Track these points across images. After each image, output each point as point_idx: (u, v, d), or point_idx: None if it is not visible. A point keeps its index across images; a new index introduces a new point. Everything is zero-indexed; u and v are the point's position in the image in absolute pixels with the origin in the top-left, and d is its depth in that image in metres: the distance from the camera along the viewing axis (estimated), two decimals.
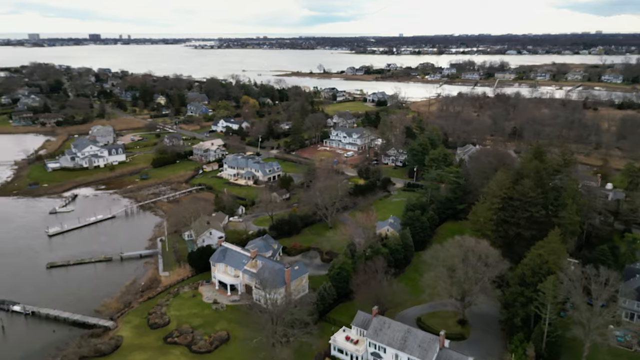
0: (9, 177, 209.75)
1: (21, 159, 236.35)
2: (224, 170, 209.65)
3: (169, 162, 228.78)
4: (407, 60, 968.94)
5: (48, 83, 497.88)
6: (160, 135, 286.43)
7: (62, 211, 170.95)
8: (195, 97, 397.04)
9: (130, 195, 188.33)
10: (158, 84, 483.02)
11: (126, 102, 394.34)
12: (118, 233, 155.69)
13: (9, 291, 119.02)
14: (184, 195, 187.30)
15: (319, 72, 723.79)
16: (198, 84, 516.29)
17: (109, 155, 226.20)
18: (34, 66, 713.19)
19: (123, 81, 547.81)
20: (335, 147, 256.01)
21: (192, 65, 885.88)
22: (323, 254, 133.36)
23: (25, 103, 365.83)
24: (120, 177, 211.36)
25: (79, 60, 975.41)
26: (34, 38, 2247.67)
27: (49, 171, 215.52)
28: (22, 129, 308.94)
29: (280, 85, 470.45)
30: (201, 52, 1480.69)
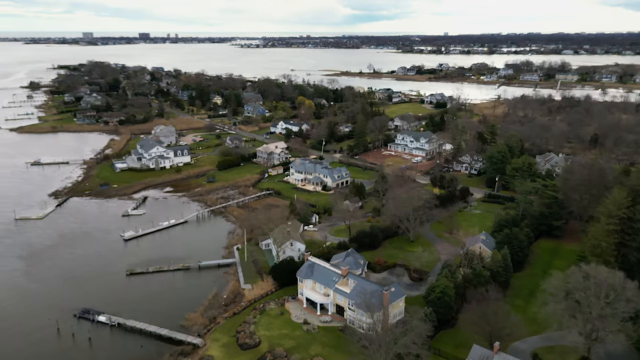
0: (80, 177, 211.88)
1: (89, 158, 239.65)
2: (291, 175, 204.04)
3: (233, 165, 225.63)
4: (458, 60, 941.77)
5: (107, 81, 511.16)
6: (221, 136, 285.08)
7: (134, 214, 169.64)
8: (250, 98, 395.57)
9: (200, 199, 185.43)
10: (211, 83, 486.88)
11: (183, 102, 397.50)
12: (191, 239, 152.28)
13: (91, 299, 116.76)
14: (253, 200, 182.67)
15: (368, 72, 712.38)
16: (250, 83, 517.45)
17: (174, 156, 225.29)
18: (91, 64, 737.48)
19: (177, 80, 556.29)
20: (400, 151, 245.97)
21: (241, 64, 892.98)
22: (411, 271, 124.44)
23: (88, 101, 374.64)
24: (186, 179, 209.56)
25: (131, 58, 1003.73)
26: (87, 37, 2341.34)
27: (117, 171, 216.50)
28: (87, 127, 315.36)
29: (332, 86, 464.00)
30: (247, 51, 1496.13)
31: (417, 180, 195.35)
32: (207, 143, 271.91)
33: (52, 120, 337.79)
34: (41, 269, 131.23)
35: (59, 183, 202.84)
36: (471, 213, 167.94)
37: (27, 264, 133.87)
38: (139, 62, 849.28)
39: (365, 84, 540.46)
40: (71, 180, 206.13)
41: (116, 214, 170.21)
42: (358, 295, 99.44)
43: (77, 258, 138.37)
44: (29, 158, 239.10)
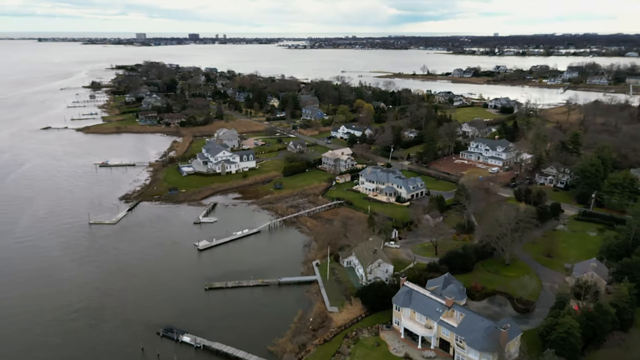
0: (147, 180, 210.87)
1: (155, 161, 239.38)
2: (361, 184, 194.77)
3: (298, 171, 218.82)
4: (513, 62, 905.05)
5: (164, 82, 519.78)
6: (282, 140, 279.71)
7: (205, 221, 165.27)
8: (307, 100, 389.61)
9: (269, 207, 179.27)
10: (265, 84, 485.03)
11: (240, 104, 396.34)
12: (266, 251, 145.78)
13: (171, 314, 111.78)
14: (324, 210, 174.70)
15: (422, 74, 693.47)
16: (304, 85, 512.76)
17: (240, 161, 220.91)
18: (147, 65, 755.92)
19: (232, 81, 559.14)
20: (474, 160, 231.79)
21: (291, 65, 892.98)
22: (514, 301, 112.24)
23: (148, 102, 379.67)
24: (253, 185, 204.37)
25: (183, 59, 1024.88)
26: (141, 37, 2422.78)
27: (184, 175, 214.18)
28: (149, 128, 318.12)
29: (388, 88, 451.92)
30: (295, 52, 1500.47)
31: (498, 193, 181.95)
32: (269, 147, 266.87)
33: (115, 120, 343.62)
34: (117, 279, 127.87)
35: (128, 186, 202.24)
36: (565, 233, 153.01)
37: (103, 273, 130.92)
38: (191, 63, 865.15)
39: (420, 86, 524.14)
40: (139, 184, 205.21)
41: (187, 221, 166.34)
42: (468, 330, 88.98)
43: (152, 267, 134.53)
44: (97, 159, 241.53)
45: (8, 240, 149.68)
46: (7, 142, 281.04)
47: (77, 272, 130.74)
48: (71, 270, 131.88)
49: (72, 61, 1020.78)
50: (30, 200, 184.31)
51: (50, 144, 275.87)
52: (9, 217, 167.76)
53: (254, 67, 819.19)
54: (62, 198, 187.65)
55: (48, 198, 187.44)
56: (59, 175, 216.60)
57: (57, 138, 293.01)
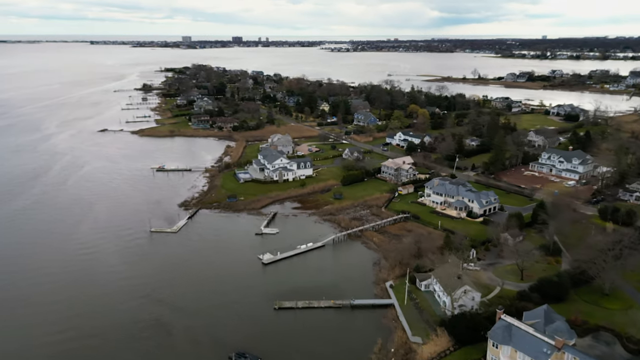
0: (205, 186, 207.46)
1: (210, 166, 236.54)
2: (427, 196, 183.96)
3: (357, 180, 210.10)
4: (567, 66, 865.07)
5: (213, 85, 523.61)
6: (336, 147, 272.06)
7: (267, 232, 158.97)
8: (358, 105, 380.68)
9: (330, 218, 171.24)
10: (313, 88, 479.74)
11: (290, 108, 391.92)
12: (332, 268, 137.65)
13: (241, 336, 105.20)
14: (390, 224, 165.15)
15: (473, 78, 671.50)
16: (353, 89, 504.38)
17: (297, 169, 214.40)
18: (195, 68, 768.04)
19: (279, 85, 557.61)
20: (545, 172, 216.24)
21: (335, 68, 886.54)
22: (623, 339, 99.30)
23: (200, 105, 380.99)
24: (312, 194, 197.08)
25: (229, 61, 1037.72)
26: (186, 40, 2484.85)
27: (241, 182, 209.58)
28: (202, 132, 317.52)
29: (441, 92, 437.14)
30: (338, 55, 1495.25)
31: (580, 210, 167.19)
32: (324, 154, 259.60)
33: (168, 123, 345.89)
34: (184, 293, 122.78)
35: (186, 192, 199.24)
36: None
37: (169, 287, 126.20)
38: (236, 66, 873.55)
39: (471, 90, 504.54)
40: (197, 190, 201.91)
41: (248, 231, 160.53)
42: None
43: (217, 281, 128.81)
44: (153, 163, 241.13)
45: (71, 250, 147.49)
46: (67, 143, 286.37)
47: (142, 285, 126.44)
48: (136, 283, 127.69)
49: (123, 63, 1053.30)
50: (91, 205, 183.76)
51: (107, 147, 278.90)
52: (71, 224, 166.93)
53: (298, 70, 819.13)
54: (121, 203, 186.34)
55: (108, 203, 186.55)
56: (117, 179, 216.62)
57: (113, 140, 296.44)
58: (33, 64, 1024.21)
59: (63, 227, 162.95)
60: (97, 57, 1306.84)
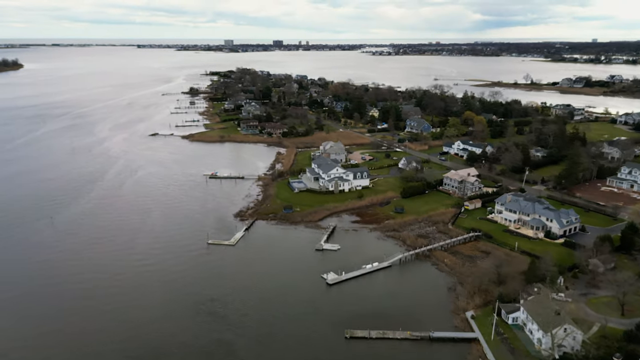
0: (259, 195, 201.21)
1: (263, 174, 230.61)
2: (497, 213, 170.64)
3: (418, 192, 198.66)
4: (625, 71, 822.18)
5: (258, 89, 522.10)
6: (390, 155, 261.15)
7: (328, 248, 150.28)
8: (409, 111, 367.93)
9: (394, 235, 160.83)
10: (359, 93, 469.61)
11: (338, 114, 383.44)
12: (402, 292, 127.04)
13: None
14: (460, 243, 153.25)
15: (525, 83, 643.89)
16: (400, 93, 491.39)
17: (353, 179, 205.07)
18: (240, 71, 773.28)
19: (324, 89, 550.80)
20: (626, 189, 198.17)
21: (379, 72, 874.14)
22: None
23: (248, 110, 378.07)
24: (370, 207, 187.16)
25: (271, 65, 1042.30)
26: (229, 44, 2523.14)
27: (295, 192, 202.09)
28: (251, 138, 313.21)
29: (495, 98, 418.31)
30: (380, 59, 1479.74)
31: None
32: (378, 163, 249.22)
33: (217, 128, 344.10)
34: (244, 313, 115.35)
35: (241, 201, 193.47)
36: None
37: (228, 304, 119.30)
38: (279, 69, 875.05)
39: (524, 96, 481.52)
40: (252, 199, 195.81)
41: (307, 247, 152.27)
42: None
43: (280, 302, 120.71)
44: (205, 169, 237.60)
45: (128, 260, 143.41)
46: (120, 147, 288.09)
47: (201, 301, 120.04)
48: (195, 299, 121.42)
49: (168, 67, 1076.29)
50: (148, 213, 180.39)
51: (159, 151, 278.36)
52: (128, 231, 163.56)
53: (341, 73, 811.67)
54: (177, 211, 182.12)
55: (164, 211, 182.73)
56: (171, 186, 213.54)
57: (164, 145, 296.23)
58: (85, 67, 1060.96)
59: (121, 236, 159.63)
60: (144, 61, 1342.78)
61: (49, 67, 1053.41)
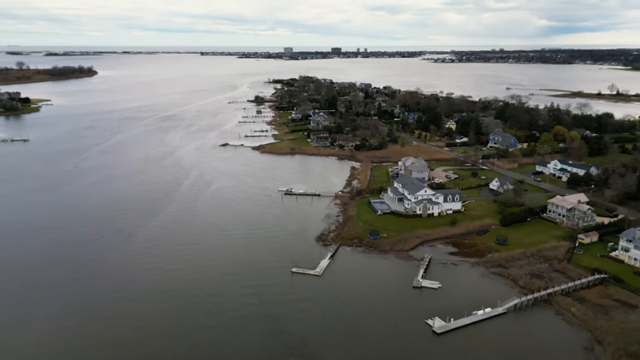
0: (339, 216, 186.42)
1: (340, 191, 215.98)
2: (625, 251, 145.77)
3: (519, 220, 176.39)
4: None
5: (324, 98, 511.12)
6: (477, 174, 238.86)
7: (426, 286, 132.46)
8: (489, 124, 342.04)
9: (501, 272, 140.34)
10: (429, 102, 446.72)
11: (411, 125, 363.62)
12: (527, 350, 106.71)
13: None
14: (584, 286, 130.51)
15: (610, 94, 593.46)
16: (472, 103, 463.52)
17: (444, 201, 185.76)
18: (302, 79, 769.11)
19: (391, 98, 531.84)
20: None
21: (443, 81, 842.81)
22: None
23: (317, 121, 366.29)
24: (466, 235, 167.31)
25: (331, 72, 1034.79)
26: (288, 51, 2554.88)
27: (378, 213, 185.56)
28: (323, 151, 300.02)
29: (582, 111, 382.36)
30: (442, 66, 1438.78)
31: None
32: (464, 182, 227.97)
33: (286, 139, 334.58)
34: None
35: (320, 223, 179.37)
36: None
37: (323, 349, 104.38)
38: (338, 77, 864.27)
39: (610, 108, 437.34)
40: (332, 221, 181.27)
41: (403, 282, 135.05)
42: None
43: (382, 354, 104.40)
44: (279, 183, 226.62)
45: (202, 287, 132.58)
46: (192, 157, 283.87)
47: (290, 343, 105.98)
48: (284, 340, 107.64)
49: (232, 74, 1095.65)
50: (225, 232, 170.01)
51: (230, 163, 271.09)
52: (206, 251, 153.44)
53: (404, 81, 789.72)
54: (255, 232, 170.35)
55: (242, 230, 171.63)
56: (247, 202, 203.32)
57: (235, 156, 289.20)
58: (154, 74, 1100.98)
59: (198, 256, 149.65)
60: (208, 68, 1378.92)
61: (120, 74, 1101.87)
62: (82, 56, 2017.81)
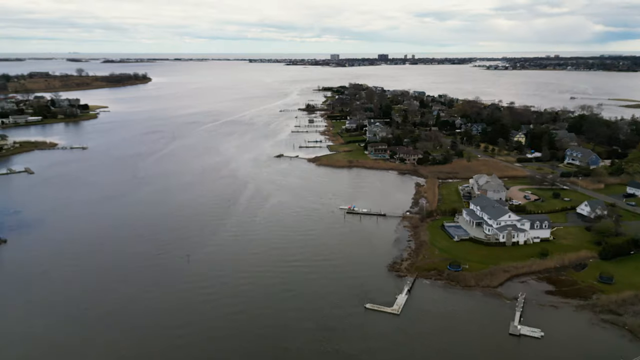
0: (410, 241, 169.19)
1: (407, 212, 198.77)
2: None
3: (621, 253, 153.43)
4: None
5: (377, 107, 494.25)
6: (560, 195, 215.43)
7: (526, 334, 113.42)
8: (563, 137, 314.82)
9: (614, 319, 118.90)
10: (493, 113, 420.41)
11: (476, 137, 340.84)
12: None
13: None
14: None
15: None
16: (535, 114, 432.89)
17: (530, 229, 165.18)
18: (352, 87, 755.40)
19: (448, 107, 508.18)
20: None
21: (500, 89, 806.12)
22: None
23: (374, 132, 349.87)
24: (561, 269, 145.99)
25: (381, 79, 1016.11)
26: (335, 58, 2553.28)
27: (455, 239, 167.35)
28: (382, 164, 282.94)
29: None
30: (496, 73, 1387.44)
31: None
32: (546, 205, 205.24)
33: (342, 151, 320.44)
34: None
35: (391, 248, 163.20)
36: None
37: None
38: (389, 84, 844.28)
39: None
40: (403, 246, 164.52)
41: (497, 327, 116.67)
42: None
43: None
44: (339, 199, 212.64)
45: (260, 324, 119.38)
46: (248, 168, 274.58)
47: None
48: None
49: (281, 81, 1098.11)
50: (287, 256, 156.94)
51: (287, 176, 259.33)
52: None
53: (457, 89, 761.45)
54: (319, 258, 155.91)
55: (306, 257, 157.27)
56: (308, 220, 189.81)
57: (291, 168, 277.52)
58: (205, 81, 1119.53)
59: (259, 286, 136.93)
60: (257, 74, 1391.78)
61: (172, 80, 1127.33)
62: (136, 63, 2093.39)
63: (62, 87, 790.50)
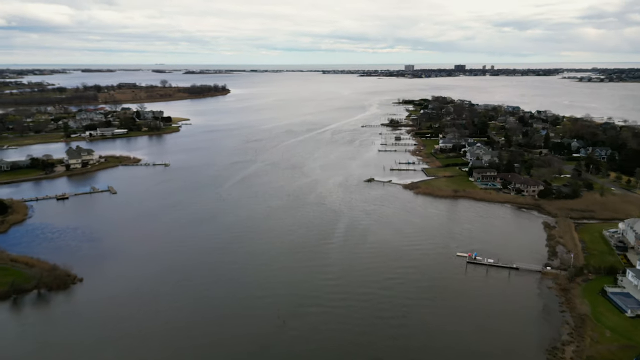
0: (563, 312, 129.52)
1: (547, 267, 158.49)
2: None
3: None
4: None
5: (469, 123, 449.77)
6: None
7: None
8: None
9: None
10: (614, 135, 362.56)
11: (602, 164, 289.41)
12: None
13: None
14: None
15: None
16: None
17: None
18: (436, 100, 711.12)
19: (552, 126, 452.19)
20: None
21: (604, 104, 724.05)
22: None
23: (477, 155, 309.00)
24: None
25: (465, 92, 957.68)
26: (410, 69, 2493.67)
27: (628, 315, 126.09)
28: (494, 196, 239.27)
29: None
30: (590, 86, 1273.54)
31: None
32: None
33: (442, 176, 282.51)
34: None
35: (539, 320, 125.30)
36: None
37: None
38: (472, 97, 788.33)
39: None
40: (557, 321, 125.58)
41: None
42: None
43: None
44: (453, 243, 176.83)
45: None
46: (337, 195, 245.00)
47: None
48: None
49: (357, 92, 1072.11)
50: (402, 321, 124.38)
51: (383, 206, 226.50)
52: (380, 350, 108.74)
53: (552, 103, 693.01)
54: (440, 328, 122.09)
55: (423, 323, 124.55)
56: (417, 272, 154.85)
57: (385, 196, 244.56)
58: (282, 93, 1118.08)
59: None
60: (332, 86, 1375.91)
61: (251, 92, 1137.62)
62: (215, 74, 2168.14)
63: (147, 99, 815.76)
